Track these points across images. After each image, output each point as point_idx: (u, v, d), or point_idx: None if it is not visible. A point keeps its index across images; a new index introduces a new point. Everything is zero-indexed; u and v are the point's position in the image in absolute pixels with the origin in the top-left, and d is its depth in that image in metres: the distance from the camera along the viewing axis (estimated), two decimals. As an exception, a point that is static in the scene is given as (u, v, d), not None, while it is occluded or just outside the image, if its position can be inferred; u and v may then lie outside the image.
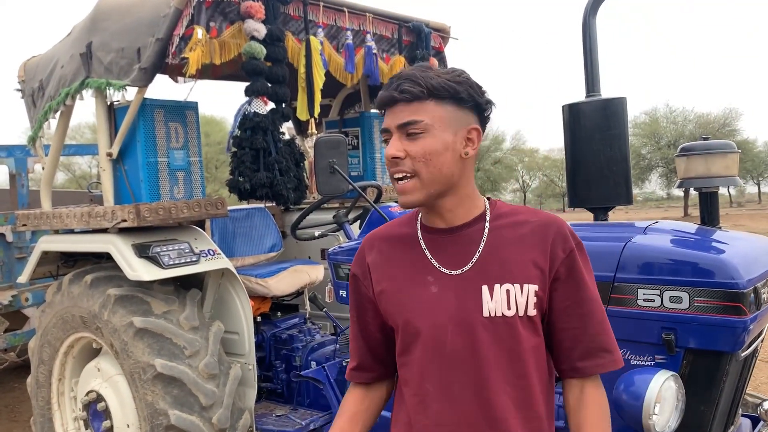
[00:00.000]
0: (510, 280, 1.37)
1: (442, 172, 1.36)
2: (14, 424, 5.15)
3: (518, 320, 1.37)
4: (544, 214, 1.46)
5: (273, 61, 3.09)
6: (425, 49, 3.91)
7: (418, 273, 1.44)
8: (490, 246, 1.41)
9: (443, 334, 1.39)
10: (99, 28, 3.19)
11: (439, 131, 1.35)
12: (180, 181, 3.24)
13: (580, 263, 1.42)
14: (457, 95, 1.36)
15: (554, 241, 1.40)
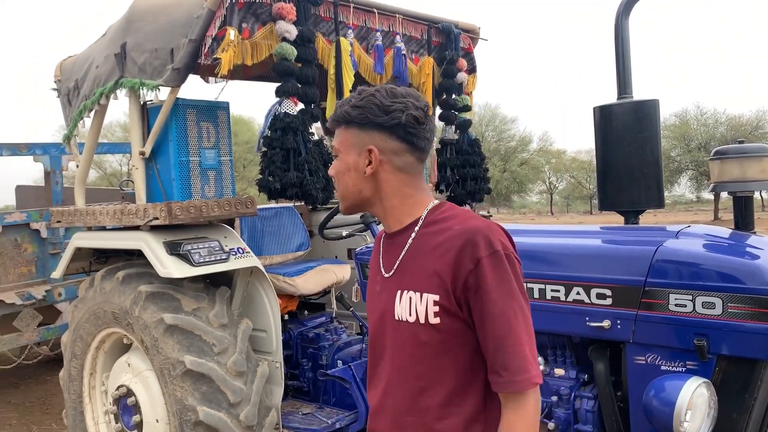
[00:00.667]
0: (413, 288, 1.46)
1: (348, 189, 1.53)
2: (46, 416, 5.25)
3: (419, 327, 1.43)
4: (469, 223, 1.45)
5: (303, 62, 3.11)
6: (454, 50, 3.90)
7: (374, 270, 1.61)
8: (410, 253, 1.50)
9: (374, 329, 1.57)
10: (133, 29, 3.25)
11: (344, 154, 1.52)
12: (211, 180, 3.28)
13: (489, 275, 1.37)
14: (353, 121, 1.49)
15: (462, 250, 1.40)
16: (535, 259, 2.60)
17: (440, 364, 1.44)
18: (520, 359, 1.36)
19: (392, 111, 1.46)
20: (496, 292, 1.37)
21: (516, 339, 1.37)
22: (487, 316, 1.38)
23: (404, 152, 1.48)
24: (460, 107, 3.99)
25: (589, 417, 2.48)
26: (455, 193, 3.99)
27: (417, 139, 1.48)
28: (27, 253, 4.56)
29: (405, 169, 1.50)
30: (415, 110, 1.46)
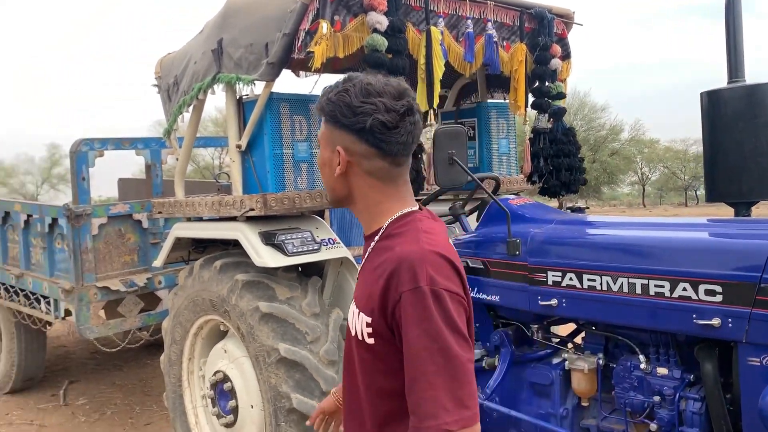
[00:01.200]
0: (357, 304, 1.42)
1: (327, 184, 1.50)
2: (147, 397, 5.54)
3: (358, 342, 1.41)
4: (405, 247, 1.34)
5: (394, 52, 3.09)
6: (547, 36, 3.78)
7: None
8: (364, 267, 1.46)
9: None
10: (229, 25, 3.33)
11: (322, 147, 1.48)
12: (303, 172, 3.33)
13: (408, 311, 1.27)
14: (327, 116, 1.43)
15: (389, 279, 1.31)
16: (637, 253, 2.48)
17: (378, 382, 1.38)
18: (428, 404, 1.23)
19: (359, 114, 1.35)
20: (412, 331, 1.27)
21: (426, 383, 1.24)
22: (404, 355, 1.29)
23: (374, 156, 1.39)
24: (554, 95, 3.86)
25: (695, 419, 2.35)
26: (548, 184, 3.87)
27: (386, 144, 1.37)
28: (130, 242, 4.81)
29: (375, 173, 1.41)
30: (385, 113, 1.34)
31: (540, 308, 2.74)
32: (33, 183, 40.56)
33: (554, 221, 2.95)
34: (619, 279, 2.48)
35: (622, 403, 2.55)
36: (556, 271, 2.67)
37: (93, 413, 5.22)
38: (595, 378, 2.67)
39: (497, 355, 3.01)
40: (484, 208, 3.24)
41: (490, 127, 4.17)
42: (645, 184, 41.00)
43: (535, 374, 2.87)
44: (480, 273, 2.98)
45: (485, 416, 3.00)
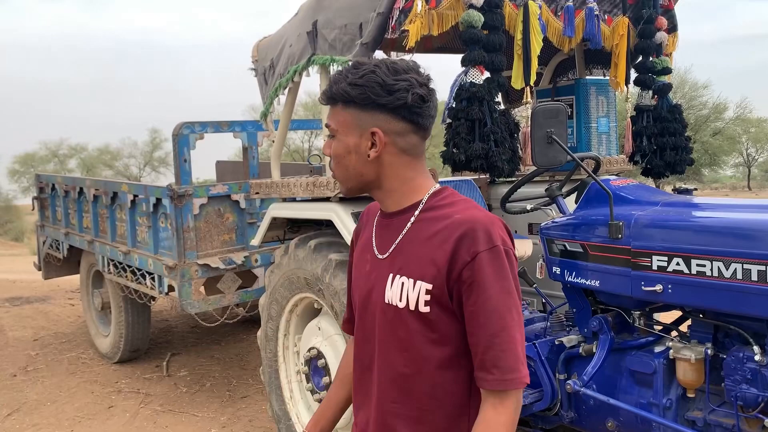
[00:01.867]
0: (407, 273, 1.41)
1: (350, 172, 1.46)
2: (244, 371, 5.76)
3: (408, 313, 1.40)
4: (468, 213, 1.39)
5: (490, 28, 3.02)
6: (653, 7, 3.57)
7: (365, 248, 1.56)
8: (408, 238, 1.45)
9: (362, 307, 1.53)
10: (324, 7, 3.35)
11: (343, 135, 1.43)
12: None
13: (487, 269, 1.33)
14: (353, 100, 1.40)
15: (459, 241, 1.35)
16: (753, 237, 2.31)
17: (426, 352, 1.41)
18: (511, 358, 1.33)
19: (396, 90, 1.37)
20: (492, 287, 1.33)
21: (509, 337, 1.34)
22: (480, 311, 1.34)
23: (409, 133, 1.42)
24: (659, 70, 3.66)
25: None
26: (652, 164, 3.68)
27: (422, 118, 1.41)
28: (228, 222, 4.98)
29: (409, 150, 1.44)
30: (420, 88, 1.39)
31: (643, 294, 2.61)
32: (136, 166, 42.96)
33: (659, 203, 2.80)
34: (732, 265, 2.33)
35: (732, 396, 2.40)
36: (661, 255, 2.54)
37: (193, 384, 5.48)
38: (703, 368, 2.53)
39: (595, 341, 2.91)
40: (583, 190, 3.12)
41: (589, 104, 4.00)
42: (751, 166, 38.49)
43: (636, 362, 2.75)
44: (578, 257, 2.88)
45: (581, 403, 2.91)
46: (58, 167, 39.70)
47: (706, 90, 32.29)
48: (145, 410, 4.99)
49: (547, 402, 3.03)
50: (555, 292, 3.57)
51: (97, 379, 5.74)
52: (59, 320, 7.92)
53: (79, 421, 4.84)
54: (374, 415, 1.49)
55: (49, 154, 40.72)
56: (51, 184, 7.00)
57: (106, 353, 6.22)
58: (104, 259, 5.83)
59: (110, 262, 5.74)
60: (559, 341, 3.04)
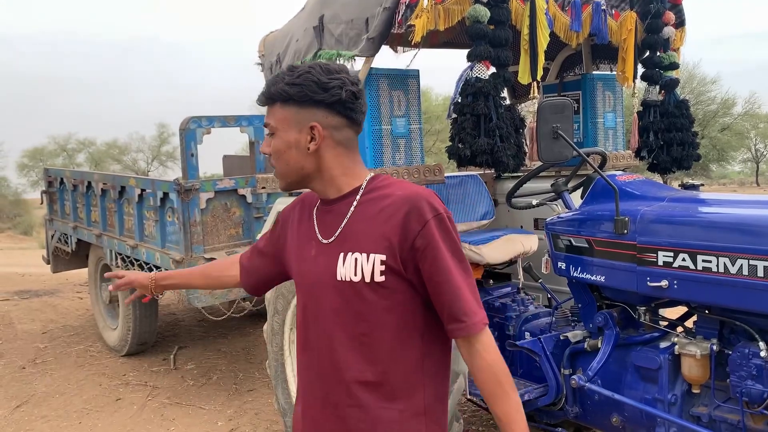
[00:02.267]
0: (359, 249, 1.53)
1: (290, 166, 1.58)
2: (250, 365, 5.79)
3: (364, 285, 1.52)
4: (408, 189, 1.55)
5: (496, 23, 3.01)
6: (660, 2, 3.56)
7: (306, 237, 1.66)
8: (353, 220, 1.57)
9: (310, 291, 1.63)
10: (330, 2, 3.36)
11: (283, 132, 1.55)
12: (401, 148, 3.33)
13: (437, 234, 1.50)
14: (291, 98, 1.52)
15: (408, 215, 1.50)
16: (760, 233, 2.31)
17: (384, 319, 1.54)
18: (474, 305, 1.51)
19: (331, 88, 1.51)
20: (446, 249, 1.50)
21: (469, 288, 1.53)
22: (440, 270, 1.50)
23: (344, 127, 1.56)
24: (666, 65, 3.64)
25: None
26: (658, 159, 3.68)
27: (355, 113, 1.56)
28: (235, 216, 5.01)
29: (344, 143, 1.58)
30: (351, 86, 1.53)
31: (649, 290, 2.61)
32: (144, 160, 43.10)
33: (666, 199, 2.79)
34: (739, 260, 2.32)
35: (738, 392, 2.40)
36: (667, 251, 2.54)
37: (200, 378, 5.52)
38: (708, 364, 2.53)
39: (600, 336, 2.92)
40: (589, 185, 3.12)
41: (595, 100, 3.99)
42: (759, 162, 38.23)
43: (642, 358, 2.75)
44: (584, 252, 2.88)
45: (586, 399, 2.92)
46: (66, 161, 39.88)
47: (714, 85, 32.10)
48: (153, 403, 5.03)
49: (552, 397, 3.04)
50: (560, 287, 3.57)
51: (105, 371, 5.78)
52: (68, 313, 7.97)
53: (87, 413, 4.88)
54: (334, 390, 1.58)
55: (57, 149, 40.89)
56: (59, 178, 7.05)
57: (113, 346, 6.26)
58: (112, 252, 5.87)
59: (118, 255, 5.78)
60: (565, 336, 3.04)
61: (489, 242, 3.66)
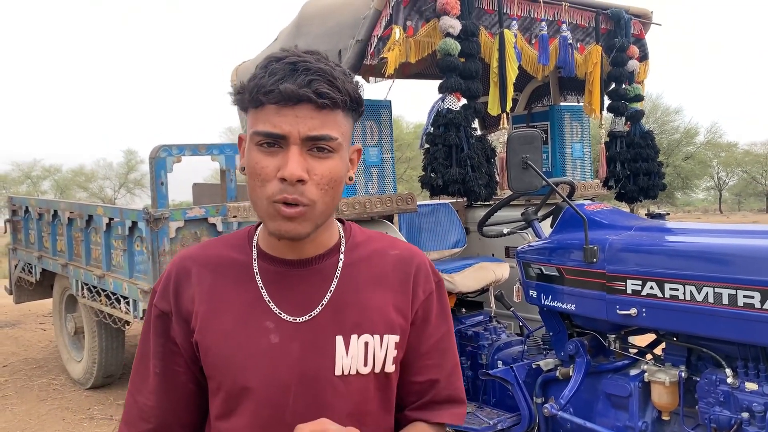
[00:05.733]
0: (369, 329, 1.14)
1: (335, 202, 1.12)
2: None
3: (372, 378, 1.16)
4: (403, 245, 1.28)
5: (467, 56, 3.07)
6: (624, 36, 3.67)
7: (252, 317, 1.14)
8: (345, 285, 1.17)
9: (284, 395, 1.12)
10: (303, 33, 3.39)
11: (345, 152, 1.12)
12: (374, 177, 3.35)
13: (437, 306, 1.24)
14: (359, 108, 1.14)
15: (415, 279, 1.22)
16: (724, 261, 2.36)
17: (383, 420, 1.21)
18: (461, 391, 1.29)
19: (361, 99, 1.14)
20: (444, 325, 1.26)
21: (459, 372, 1.31)
22: (436, 348, 1.24)
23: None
24: (631, 97, 3.75)
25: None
26: (625, 189, 3.76)
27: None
28: (205, 245, 4.95)
29: None
30: None
31: (618, 317, 2.65)
32: (111, 188, 42.49)
33: (633, 228, 2.85)
34: (704, 288, 2.37)
35: (706, 419, 2.43)
36: (636, 279, 2.58)
37: (168, 410, 5.38)
38: (677, 391, 2.56)
39: (572, 364, 2.93)
40: (558, 214, 3.16)
41: (563, 130, 4.08)
42: (722, 190, 39.27)
43: (612, 385, 2.77)
44: (554, 280, 2.92)
45: (559, 427, 2.92)
46: (30, 189, 39.13)
47: (677, 115, 33.05)
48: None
49: (525, 426, 3.04)
50: (532, 316, 3.60)
51: (69, 405, 5.61)
52: (30, 345, 7.75)
53: (49, 449, 4.72)
54: None
55: (22, 176, 40.12)
56: (24, 206, 6.90)
57: (78, 379, 6.09)
58: (78, 283, 5.74)
59: (84, 285, 5.65)
60: (536, 365, 3.05)
61: (461, 270, 3.69)
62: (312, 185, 1.06)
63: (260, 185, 1.07)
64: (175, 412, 1.21)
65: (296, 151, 1.05)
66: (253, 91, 1.08)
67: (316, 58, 1.09)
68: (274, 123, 1.05)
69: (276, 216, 1.07)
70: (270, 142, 1.06)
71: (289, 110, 1.05)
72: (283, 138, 1.05)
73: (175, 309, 1.18)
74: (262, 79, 1.07)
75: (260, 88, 1.06)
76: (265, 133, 1.06)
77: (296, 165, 1.04)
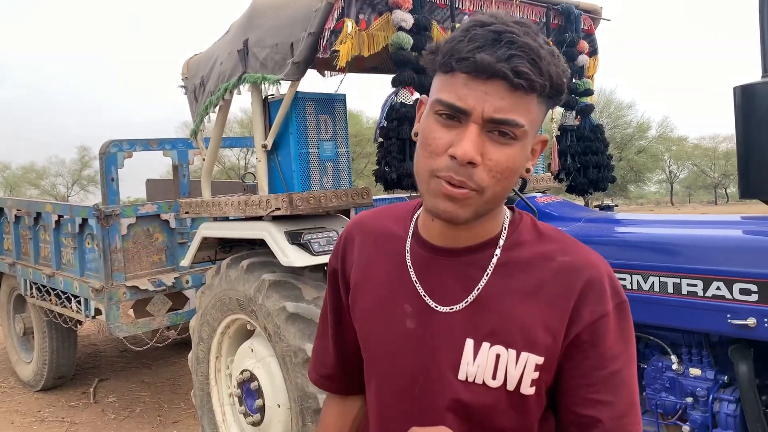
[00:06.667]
0: (505, 342, 1.03)
1: (505, 193, 1.02)
2: (176, 395, 5.60)
3: (504, 395, 1.04)
4: (579, 253, 1.07)
5: (419, 50, 3.08)
6: (575, 32, 3.73)
7: (395, 296, 1.11)
8: (493, 286, 1.06)
9: (409, 383, 1.09)
10: (255, 25, 3.35)
11: (528, 141, 1.00)
12: (329, 171, 3.33)
13: (614, 331, 1.03)
14: (560, 95, 1.00)
15: (582, 296, 1.03)
16: (669, 251, 2.43)
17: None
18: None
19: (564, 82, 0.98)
20: (625, 354, 1.05)
21: (636, 415, 1.05)
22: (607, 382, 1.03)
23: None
24: (581, 92, 3.81)
25: (729, 421, 2.30)
26: (576, 182, 3.82)
27: None
28: (158, 242, 4.86)
29: None
30: None
31: (568, 308, 2.69)
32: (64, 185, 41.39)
33: (582, 219, 2.91)
34: (650, 278, 2.44)
35: (653, 405, 2.50)
36: (585, 270, 2.63)
37: (122, 411, 5.28)
38: (626, 379, 2.63)
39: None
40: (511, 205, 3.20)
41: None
42: (673, 182, 40.41)
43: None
44: (507, 272, 2.95)
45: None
46: (-23, 186, 37.81)
47: (630, 110, 33.85)
48: (70, 440, 4.78)
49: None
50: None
51: (18, 408, 5.46)
52: (-23, 348, 7.51)
53: (-3, 454, 4.59)
54: None
55: (-32, 173, 38.75)
56: (-32, 204, 6.67)
57: (28, 381, 5.92)
58: (26, 282, 5.58)
59: (33, 285, 5.50)
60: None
61: (417, 264, 3.70)
62: (483, 170, 0.96)
63: (427, 156, 0.98)
64: (348, 363, 1.27)
65: (475, 131, 0.95)
66: (446, 54, 0.96)
67: (525, 31, 0.94)
68: (459, 95, 0.95)
69: (437, 193, 0.98)
70: (450, 114, 0.97)
71: (479, 84, 0.94)
72: (465, 113, 0.95)
73: (341, 269, 1.23)
74: (460, 42, 0.95)
75: (455, 52, 0.95)
76: (447, 104, 0.96)
77: (471, 145, 0.94)
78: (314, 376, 1.35)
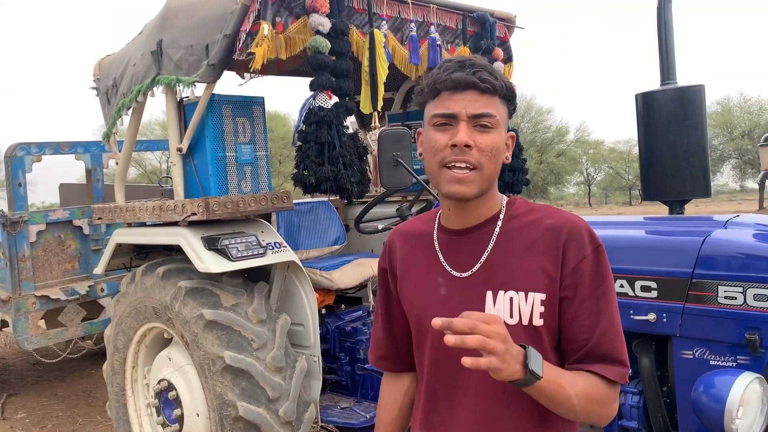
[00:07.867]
0: (514, 287, 1.35)
1: (496, 169, 1.36)
2: (91, 408, 5.37)
3: (521, 329, 1.33)
4: (560, 215, 1.40)
5: (337, 54, 3.09)
6: (490, 39, 3.83)
7: (431, 273, 1.45)
8: (498, 250, 1.38)
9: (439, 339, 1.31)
10: (169, 26, 3.27)
11: (502, 129, 1.35)
12: (247, 175, 3.29)
13: (594, 267, 1.33)
14: (512, 98, 1.38)
15: (566, 246, 1.34)
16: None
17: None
18: (621, 352, 1.34)
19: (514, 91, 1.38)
20: (601, 286, 1.34)
21: (618, 333, 1.34)
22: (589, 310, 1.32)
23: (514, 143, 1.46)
24: (497, 97, 3.92)
25: (634, 413, 2.41)
26: (493, 184, 3.94)
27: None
28: (70, 249, 4.66)
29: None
30: None
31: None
32: (-31, 189, 38.98)
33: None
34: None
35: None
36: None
37: (33, 427, 5.03)
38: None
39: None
40: (431, 209, 3.26)
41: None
42: (591, 184, 42.03)
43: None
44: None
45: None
46: None
47: (549, 114, 35.04)
48: (-26, 460, 4.51)
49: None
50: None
51: None
52: None
53: None
54: None
55: None
56: None
57: (-73, 400, 5.55)
58: (-76, 294, 5.23)
59: (-68, 297, 5.16)
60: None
61: (339, 267, 3.71)
62: (477, 151, 1.31)
63: (434, 155, 1.34)
64: (396, 344, 1.60)
65: (465, 125, 1.31)
66: (431, 84, 1.35)
67: (479, 58, 1.37)
68: (447, 106, 1.32)
69: (449, 179, 1.33)
70: (444, 122, 1.33)
71: (459, 95, 1.32)
72: (454, 117, 1.32)
73: (389, 268, 1.56)
74: (438, 74, 1.34)
75: (437, 80, 1.33)
76: (440, 114, 1.33)
77: (464, 134, 1.30)
78: (373, 358, 1.68)
